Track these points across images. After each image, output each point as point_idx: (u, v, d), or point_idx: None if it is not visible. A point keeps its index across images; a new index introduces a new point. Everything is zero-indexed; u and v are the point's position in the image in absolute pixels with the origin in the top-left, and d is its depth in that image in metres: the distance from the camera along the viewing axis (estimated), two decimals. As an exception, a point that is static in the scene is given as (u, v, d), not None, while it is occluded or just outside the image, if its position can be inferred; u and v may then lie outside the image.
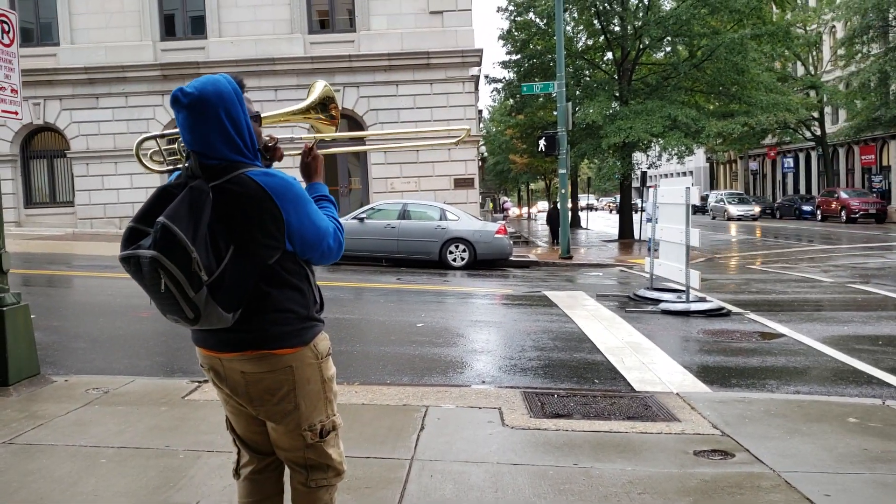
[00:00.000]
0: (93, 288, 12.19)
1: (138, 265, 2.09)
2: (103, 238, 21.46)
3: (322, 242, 2.37)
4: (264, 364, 2.32)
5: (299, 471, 2.51)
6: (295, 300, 2.36)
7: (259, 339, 2.30)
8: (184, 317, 2.14)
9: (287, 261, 2.33)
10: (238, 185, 2.21)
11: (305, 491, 2.52)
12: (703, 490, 3.77)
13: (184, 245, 2.05)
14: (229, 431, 2.62)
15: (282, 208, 2.25)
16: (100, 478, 3.83)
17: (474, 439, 4.53)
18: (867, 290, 12.28)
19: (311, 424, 2.43)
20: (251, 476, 2.58)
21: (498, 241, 16.84)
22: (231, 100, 2.25)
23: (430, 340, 8.09)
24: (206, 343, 2.37)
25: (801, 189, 50.19)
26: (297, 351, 2.36)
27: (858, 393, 6.02)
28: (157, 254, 2.04)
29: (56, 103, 22.88)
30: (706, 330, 8.79)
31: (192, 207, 2.11)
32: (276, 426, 2.43)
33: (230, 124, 2.24)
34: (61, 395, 5.34)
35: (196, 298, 2.09)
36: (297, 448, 2.47)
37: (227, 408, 2.54)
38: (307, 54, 22.34)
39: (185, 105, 2.20)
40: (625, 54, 26.27)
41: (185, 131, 2.25)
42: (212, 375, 2.43)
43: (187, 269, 2.06)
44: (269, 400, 2.36)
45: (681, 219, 10.40)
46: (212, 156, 2.24)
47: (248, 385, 2.35)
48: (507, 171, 52.53)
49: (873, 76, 34.16)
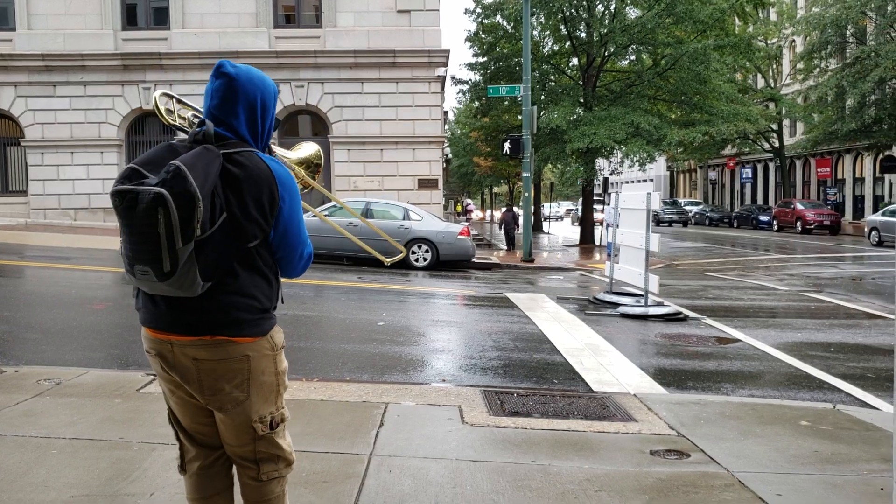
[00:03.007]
0: (46, 279, 11.92)
1: (133, 202, 2.03)
2: (57, 229, 21.01)
3: (300, 247, 2.43)
4: (220, 351, 2.26)
5: (249, 465, 2.46)
6: (261, 289, 2.34)
7: (217, 323, 2.24)
8: (158, 268, 2.07)
9: (263, 249, 2.34)
10: (247, 160, 2.26)
11: (257, 485, 2.47)
12: (658, 488, 3.81)
13: (193, 191, 2.03)
14: (172, 425, 2.55)
15: (281, 194, 2.30)
16: (50, 468, 3.74)
17: (434, 436, 4.53)
18: (821, 298, 12.56)
19: (261, 416, 2.39)
20: (199, 472, 2.52)
21: (461, 242, 16.86)
22: (271, 92, 2.41)
23: (391, 339, 8.06)
24: (158, 324, 2.29)
25: (759, 199, 51.23)
26: (255, 341, 2.32)
27: (810, 397, 6.15)
28: (164, 191, 2.00)
29: (11, 90, 22.32)
30: (664, 334, 8.90)
31: (206, 163, 2.12)
32: (224, 418, 2.38)
33: (260, 110, 2.37)
34: (11, 385, 5.21)
35: (181, 251, 2.05)
36: (246, 443, 2.42)
37: (172, 399, 2.46)
38: (272, 49, 22.14)
39: (232, 75, 2.31)
40: (590, 61, 26.52)
41: (215, 97, 2.32)
42: (158, 362, 2.35)
43: (187, 216, 2.02)
44: (222, 389, 2.30)
45: (641, 224, 10.52)
46: (230, 128, 2.32)
47: (200, 373, 2.28)
48: (472, 174, 52.61)
49: (830, 91, 34.95)
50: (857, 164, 41.77)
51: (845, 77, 33.72)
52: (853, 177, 42.18)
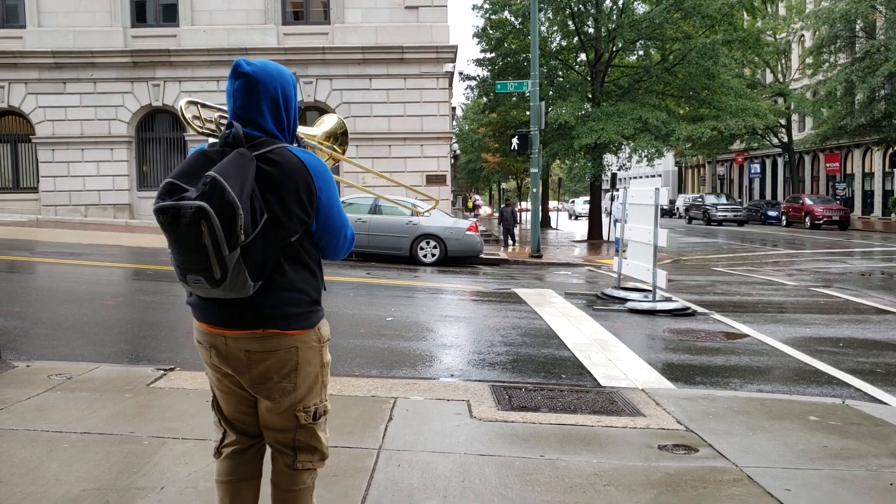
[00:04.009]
0: (57, 275, 11.99)
1: (176, 217, 2.09)
2: (68, 225, 21.12)
3: (343, 231, 2.48)
4: (271, 343, 2.35)
5: (287, 452, 2.53)
6: (308, 282, 2.42)
7: (270, 317, 2.33)
8: (209, 276, 2.15)
9: (306, 241, 2.40)
10: (280, 156, 2.29)
11: (290, 473, 2.55)
12: (666, 483, 3.82)
13: (231, 201, 2.07)
14: (215, 412, 2.62)
15: (317, 185, 2.35)
16: (62, 463, 3.77)
17: (442, 430, 4.54)
18: (829, 293, 12.51)
19: (305, 406, 2.48)
20: (233, 455, 2.58)
21: (469, 238, 16.87)
22: (290, 82, 2.43)
23: (399, 334, 8.08)
24: (213, 319, 2.36)
25: (767, 195, 51.01)
26: (304, 333, 2.41)
27: (819, 392, 6.14)
28: (205, 205, 2.05)
29: (21, 87, 22.43)
30: (672, 329, 8.89)
31: (240, 168, 2.17)
32: (270, 405, 2.45)
33: (283, 103, 2.39)
34: (22, 380, 5.25)
35: (228, 258, 2.12)
36: (289, 429, 2.49)
37: (218, 387, 2.53)
38: (281, 45, 22.18)
39: (249, 73, 2.32)
40: (598, 56, 26.46)
41: (237, 98, 2.35)
42: (211, 353, 2.43)
43: (230, 226, 2.08)
44: (271, 379, 2.39)
45: (649, 219, 10.51)
46: (257, 126, 2.34)
47: (251, 364, 2.37)
48: (480, 170, 52.56)
49: (839, 85, 34.77)
50: (867, 158, 41.54)
51: (855, 72, 33.53)
52: (862, 172, 41.95)
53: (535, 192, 20.59)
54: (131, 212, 23.04)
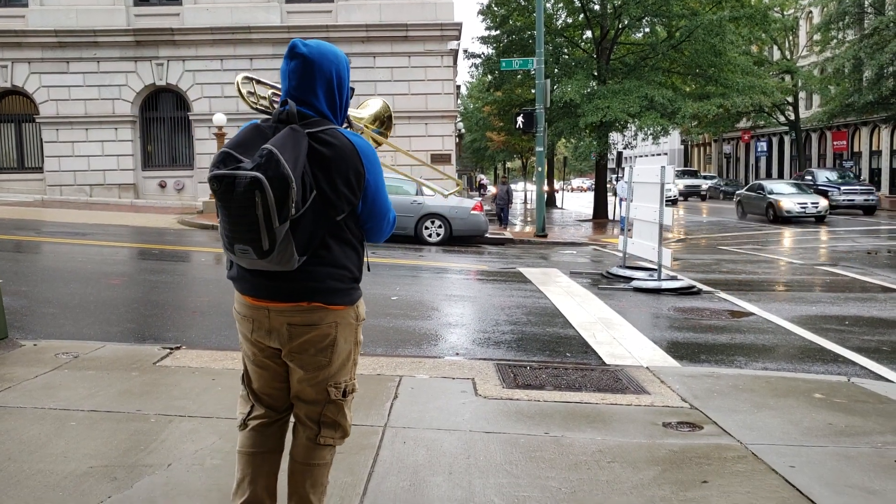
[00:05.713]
0: (63, 254, 12.02)
1: (231, 186, 2.15)
2: (73, 205, 21.14)
3: (388, 214, 2.54)
4: (313, 317, 2.40)
5: (311, 426, 2.57)
6: (352, 259, 2.47)
7: (315, 290, 2.38)
8: (257, 247, 2.19)
9: (351, 221, 2.44)
10: (333, 137, 2.34)
11: (311, 446, 2.59)
12: (671, 460, 3.83)
13: (286, 174, 2.13)
14: (244, 385, 2.67)
15: (366, 168, 2.40)
16: (69, 440, 3.79)
17: (447, 408, 4.56)
18: (835, 272, 12.49)
19: (336, 382, 2.54)
20: (259, 428, 2.62)
21: (474, 217, 16.83)
22: (344, 64, 2.47)
23: (404, 313, 8.10)
24: (257, 292, 2.41)
25: (774, 173, 50.74)
26: (344, 309, 2.47)
27: (825, 370, 6.14)
28: (261, 175, 2.11)
29: (24, 66, 22.39)
30: (677, 307, 8.89)
31: (294, 144, 2.22)
32: (303, 376, 2.50)
33: (336, 85, 2.44)
34: (30, 358, 5.27)
35: (278, 230, 2.17)
36: (319, 402, 2.55)
37: (253, 360, 2.57)
38: (284, 24, 22.04)
39: (305, 54, 2.36)
40: (604, 33, 26.24)
41: (292, 79, 2.39)
42: (250, 326, 2.47)
43: (282, 198, 2.14)
44: (308, 350, 2.44)
45: (655, 198, 10.47)
46: (310, 107, 2.39)
47: (291, 336, 2.42)
48: (485, 149, 52.37)
49: (847, 62, 34.41)
50: (875, 136, 41.24)
51: (863, 48, 33.17)
52: (870, 150, 41.65)
53: (540, 170, 20.51)
54: (136, 191, 23.06)
